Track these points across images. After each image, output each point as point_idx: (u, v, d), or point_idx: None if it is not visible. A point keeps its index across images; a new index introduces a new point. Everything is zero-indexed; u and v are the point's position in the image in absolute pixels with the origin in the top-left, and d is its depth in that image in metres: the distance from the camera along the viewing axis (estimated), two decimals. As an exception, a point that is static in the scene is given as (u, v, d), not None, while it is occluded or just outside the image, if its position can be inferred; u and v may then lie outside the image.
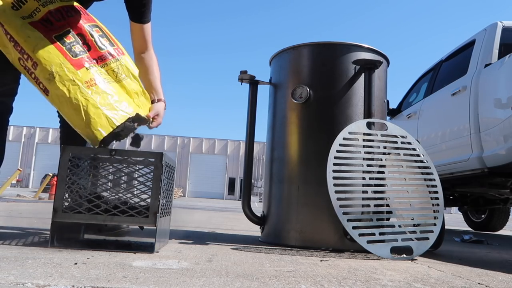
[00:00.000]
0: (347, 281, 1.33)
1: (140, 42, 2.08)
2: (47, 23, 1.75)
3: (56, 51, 1.68)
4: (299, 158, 2.32)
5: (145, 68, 2.06)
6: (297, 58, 2.45)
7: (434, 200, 2.13)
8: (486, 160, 3.27)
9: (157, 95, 2.04)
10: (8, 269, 1.18)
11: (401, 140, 2.17)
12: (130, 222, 1.67)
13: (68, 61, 1.68)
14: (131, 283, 1.09)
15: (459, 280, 1.48)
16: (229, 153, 40.39)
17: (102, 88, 1.73)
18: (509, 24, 3.64)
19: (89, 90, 1.67)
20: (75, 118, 1.68)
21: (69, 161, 1.65)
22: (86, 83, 1.68)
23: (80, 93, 1.65)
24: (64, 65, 1.66)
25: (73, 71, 1.67)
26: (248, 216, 2.52)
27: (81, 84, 1.66)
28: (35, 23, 1.72)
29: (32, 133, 37.65)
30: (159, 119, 1.99)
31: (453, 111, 3.76)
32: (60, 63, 1.66)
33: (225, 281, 1.21)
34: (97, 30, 1.88)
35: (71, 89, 1.65)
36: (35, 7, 1.75)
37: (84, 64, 1.74)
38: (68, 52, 1.71)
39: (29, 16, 1.73)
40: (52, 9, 1.78)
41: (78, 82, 1.66)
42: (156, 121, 1.97)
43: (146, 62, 2.07)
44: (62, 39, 1.73)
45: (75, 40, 1.78)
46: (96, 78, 1.74)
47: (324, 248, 2.16)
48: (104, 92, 1.73)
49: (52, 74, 1.64)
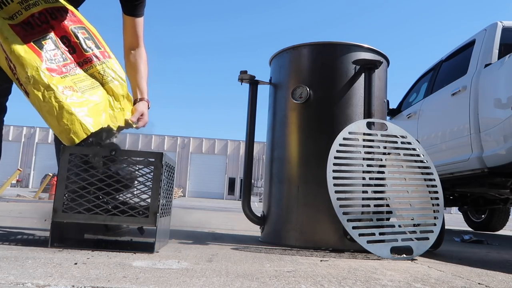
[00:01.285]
0: (347, 281, 1.33)
1: (132, 37, 2.06)
2: (28, 26, 1.73)
3: (33, 55, 1.66)
4: (299, 158, 2.32)
5: (133, 66, 2.05)
6: (297, 58, 2.45)
7: (434, 200, 2.13)
8: (486, 160, 3.27)
9: (141, 94, 2.02)
10: (8, 269, 1.18)
11: (401, 140, 2.17)
12: (130, 222, 1.67)
13: (44, 65, 1.67)
14: (131, 283, 1.09)
15: (459, 280, 1.48)
16: (229, 153, 40.38)
17: (79, 95, 1.71)
18: (509, 24, 3.64)
19: (64, 96, 1.66)
20: (51, 123, 1.67)
21: (69, 161, 1.65)
22: (62, 89, 1.67)
23: (54, 98, 1.64)
24: (40, 69, 1.64)
25: (49, 76, 1.65)
26: (248, 216, 2.52)
27: (56, 89, 1.65)
28: (15, 26, 1.70)
29: (32, 133, 37.64)
30: (145, 117, 1.97)
31: (453, 111, 3.76)
32: (37, 67, 1.64)
33: (225, 281, 1.21)
34: (83, 32, 1.86)
35: (46, 94, 1.64)
36: (17, 10, 1.73)
37: (62, 70, 1.72)
38: (45, 57, 1.69)
39: (10, 18, 1.71)
40: (35, 12, 1.76)
41: (53, 87, 1.64)
42: (142, 120, 1.95)
43: (135, 60, 2.06)
44: (41, 43, 1.71)
45: (55, 45, 1.76)
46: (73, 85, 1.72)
47: (324, 248, 2.16)
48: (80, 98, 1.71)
49: (29, 78, 1.63)
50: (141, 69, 2.06)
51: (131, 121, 1.90)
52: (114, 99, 1.86)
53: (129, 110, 1.95)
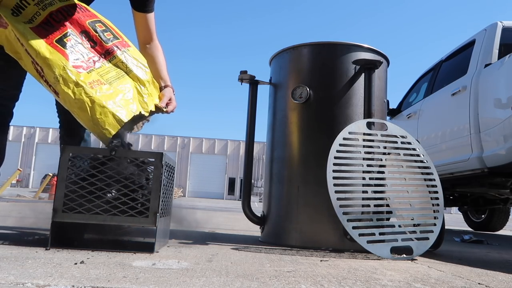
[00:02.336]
0: (347, 281, 1.33)
1: (144, 32, 2.08)
2: (48, 26, 1.74)
3: (58, 55, 1.68)
4: (299, 158, 2.32)
5: (151, 57, 2.07)
6: (297, 58, 2.45)
7: (434, 200, 2.13)
8: (486, 160, 3.27)
9: (164, 82, 2.06)
10: (8, 269, 1.18)
11: (401, 140, 2.16)
12: (130, 222, 1.67)
13: (71, 63, 1.69)
14: (131, 283, 1.09)
15: (459, 280, 1.48)
16: (229, 153, 40.37)
17: (107, 87, 1.74)
18: (509, 24, 3.64)
19: (93, 90, 1.68)
20: (84, 118, 1.69)
21: (69, 161, 1.65)
22: (90, 84, 1.69)
23: (84, 94, 1.66)
24: (67, 68, 1.66)
25: (76, 73, 1.67)
26: (248, 216, 2.52)
27: (85, 85, 1.67)
28: (35, 28, 1.72)
29: (32, 133, 37.64)
30: (173, 102, 2.01)
31: (453, 111, 3.76)
32: (63, 66, 1.66)
33: (225, 281, 1.21)
34: (100, 25, 1.88)
35: (76, 91, 1.65)
36: (35, 12, 1.74)
37: (88, 65, 1.74)
38: (70, 54, 1.71)
39: (29, 21, 1.72)
40: (53, 11, 1.78)
41: (82, 84, 1.66)
42: (171, 105, 2.00)
43: (152, 52, 2.09)
44: (63, 41, 1.73)
45: (77, 41, 1.78)
46: (100, 78, 1.74)
47: (324, 248, 2.16)
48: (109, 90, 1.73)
49: (57, 78, 1.65)
50: (160, 59, 2.09)
51: (161, 106, 1.93)
52: (141, 85, 1.88)
53: (157, 96, 1.98)
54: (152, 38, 2.10)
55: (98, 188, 1.65)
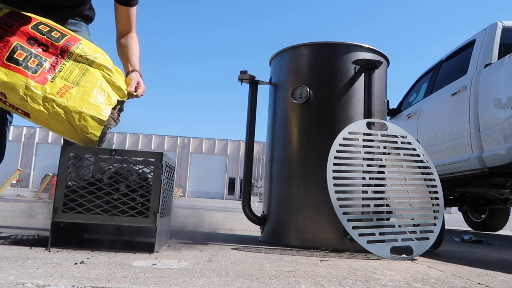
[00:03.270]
0: (347, 281, 1.33)
1: (125, 25, 2.05)
2: None
3: (16, 75, 1.59)
4: (299, 158, 2.32)
5: (124, 45, 2.04)
6: (297, 58, 2.45)
7: (434, 200, 2.13)
8: (486, 160, 3.27)
9: (132, 67, 2.01)
10: (8, 269, 1.18)
11: (401, 140, 2.16)
12: (130, 222, 1.67)
13: (31, 79, 1.60)
14: (131, 283, 1.09)
15: (459, 280, 1.48)
16: (229, 153, 40.37)
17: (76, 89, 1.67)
18: (509, 24, 3.64)
19: (63, 99, 1.62)
20: (63, 130, 1.65)
21: (69, 161, 1.65)
22: (58, 92, 1.62)
23: (57, 106, 1.60)
24: (30, 85, 1.59)
25: (41, 87, 1.60)
26: (248, 216, 2.52)
27: (54, 96, 1.61)
28: None
29: (32, 133, 37.64)
30: (142, 85, 1.96)
31: (453, 111, 3.76)
32: (25, 85, 1.58)
33: (225, 281, 1.21)
34: (43, 27, 1.76)
35: (48, 105, 1.59)
36: None
37: (47, 77, 1.65)
38: (27, 70, 1.62)
39: None
40: None
41: (50, 96, 1.60)
42: (140, 88, 1.94)
43: (127, 42, 2.05)
44: (15, 58, 1.62)
45: (28, 51, 1.66)
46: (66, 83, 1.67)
47: (324, 248, 2.16)
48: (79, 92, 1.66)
49: (23, 98, 1.58)
50: (134, 48, 2.06)
51: (130, 91, 1.87)
52: (108, 72, 1.80)
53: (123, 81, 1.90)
54: (131, 30, 2.07)
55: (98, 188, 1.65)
